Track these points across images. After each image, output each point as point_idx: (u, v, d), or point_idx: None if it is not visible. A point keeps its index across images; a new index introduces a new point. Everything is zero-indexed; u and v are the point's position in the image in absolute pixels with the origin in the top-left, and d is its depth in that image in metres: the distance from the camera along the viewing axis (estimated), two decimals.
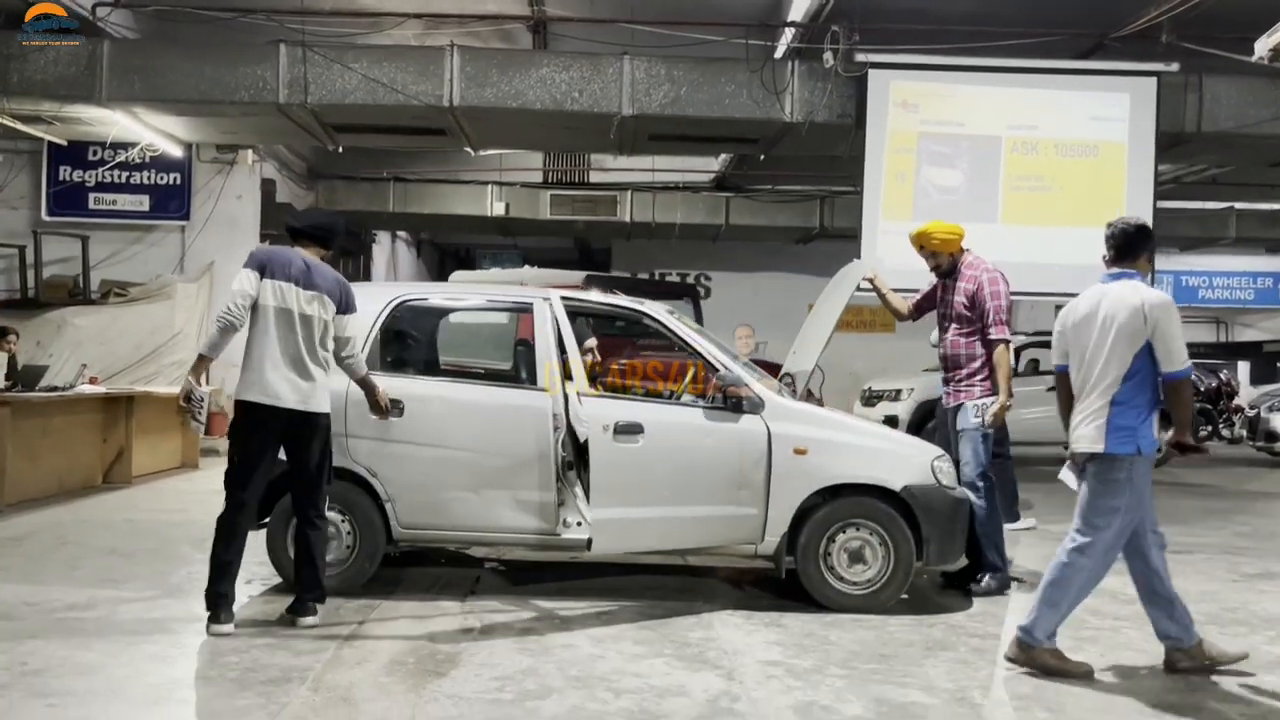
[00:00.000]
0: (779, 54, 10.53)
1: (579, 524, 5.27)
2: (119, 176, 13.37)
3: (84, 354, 11.36)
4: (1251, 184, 15.72)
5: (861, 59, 10.50)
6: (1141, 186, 11.01)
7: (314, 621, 4.67)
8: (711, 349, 5.45)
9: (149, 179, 13.47)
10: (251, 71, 10.34)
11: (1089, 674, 4.18)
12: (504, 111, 10.62)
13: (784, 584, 5.65)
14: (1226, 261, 22.38)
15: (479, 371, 6.71)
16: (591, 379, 5.65)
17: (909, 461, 5.35)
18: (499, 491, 5.18)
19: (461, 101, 10.42)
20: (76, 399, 9.04)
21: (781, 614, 5.13)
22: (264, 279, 4.64)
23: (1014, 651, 4.23)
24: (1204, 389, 19.25)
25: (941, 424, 6.10)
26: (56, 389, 9.06)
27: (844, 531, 5.22)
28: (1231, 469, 13.96)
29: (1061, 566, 4.22)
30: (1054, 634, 4.20)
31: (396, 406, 5.10)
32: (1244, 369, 22.38)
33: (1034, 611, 4.20)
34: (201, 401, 4.74)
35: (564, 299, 5.54)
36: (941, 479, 5.32)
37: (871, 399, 13.36)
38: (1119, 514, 4.14)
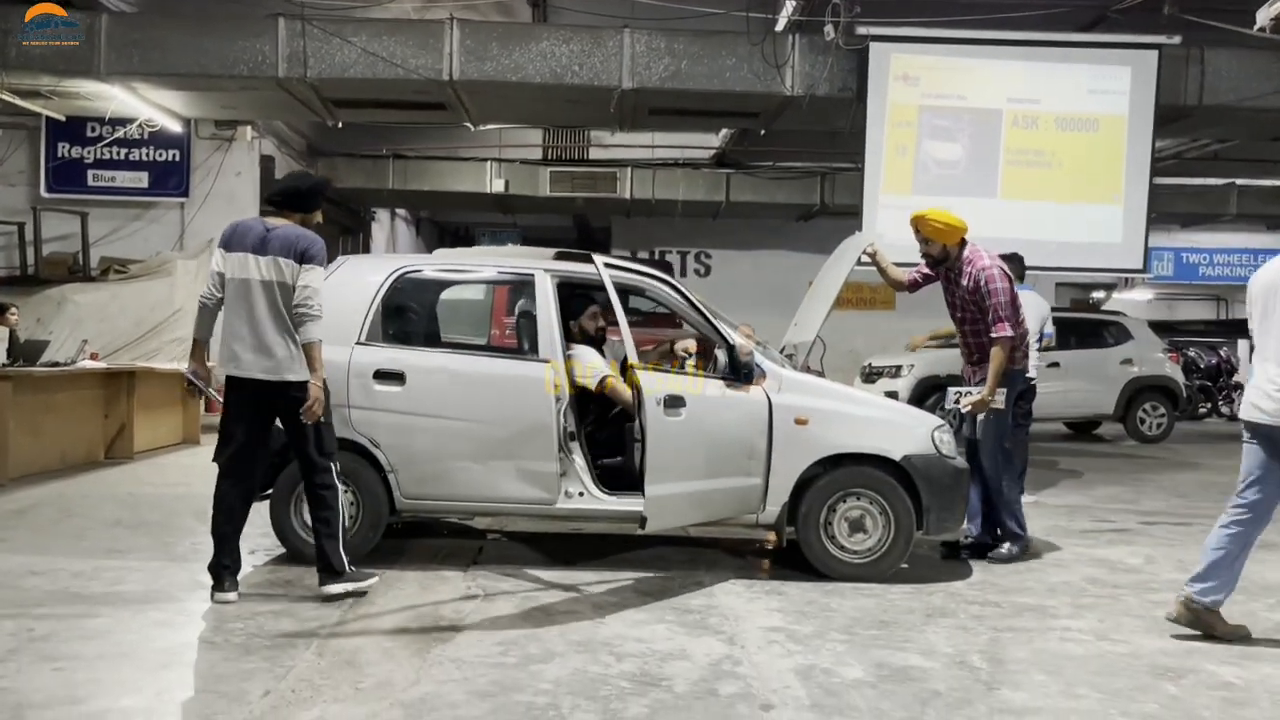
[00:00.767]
0: (780, 27, 10.48)
1: (580, 494, 5.28)
2: (118, 153, 13.37)
3: (84, 330, 11.36)
4: (1253, 159, 15.68)
5: (862, 32, 10.46)
6: (1140, 160, 11.00)
7: (333, 591, 4.61)
8: (720, 323, 5.46)
9: (148, 155, 13.46)
10: (250, 45, 10.30)
11: (1246, 636, 4.28)
12: (504, 85, 10.59)
13: (785, 554, 5.69)
14: (1227, 238, 22.35)
15: (481, 343, 6.71)
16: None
17: (909, 431, 5.37)
18: (501, 462, 5.20)
19: (461, 75, 10.39)
20: (78, 374, 9.06)
21: (783, 582, 5.16)
22: (228, 253, 4.64)
23: (1178, 612, 4.29)
24: (1203, 366, 19.30)
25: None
26: (58, 364, 9.07)
27: (844, 501, 5.25)
28: (1230, 444, 13.98)
29: (1226, 533, 4.25)
30: (1220, 599, 4.26)
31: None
32: (1244, 346, 22.35)
33: (1205, 577, 4.24)
34: (204, 380, 4.77)
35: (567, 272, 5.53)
36: (942, 449, 5.34)
37: (872, 375, 13.36)
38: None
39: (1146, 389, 13.61)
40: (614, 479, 5.36)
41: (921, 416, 5.67)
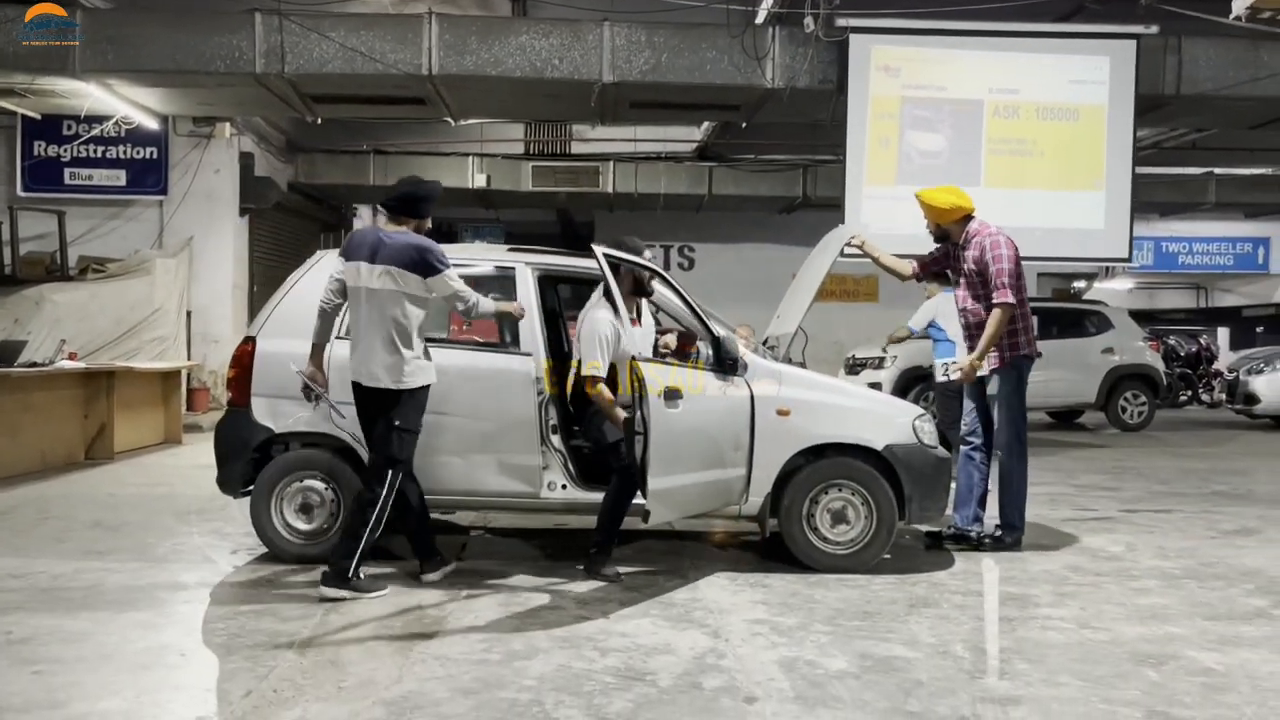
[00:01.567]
0: (760, 19, 10.48)
1: (563, 487, 5.28)
2: (95, 151, 13.25)
3: (63, 330, 11.27)
4: (1230, 149, 15.79)
5: (842, 23, 10.47)
6: (1121, 149, 11.06)
7: (330, 594, 4.62)
8: (706, 313, 5.45)
9: (125, 153, 13.35)
10: (227, 41, 10.21)
11: None
12: (483, 79, 10.54)
13: (769, 547, 5.70)
14: (1206, 227, 22.47)
15: (462, 337, 6.68)
16: None
17: (891, 421, 5.39)
18: (484, 455, 5.19)
19: (440, 70, 10.33)
20: (57, 374, 8.99)
21: (766, 575, 5.17)
22: (346, 261, 4.75)
23: None
24: (1183, 354, 19.44)
25: (972, 389, 6.02)
26: (36, 365, 9.00)
27: (826, 493, 5.26)
28: (1211, 431, 14.13)
29: None
30: None
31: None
32: (1223, 334, 22.53)
33: None
34: (320, 384, 4.89)
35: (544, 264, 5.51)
36: (923, 438, 5.36)
37: (855, 367, 13.40)
38: None
39: (1127, 377, 13.71)
40: (594, 473, 5.34)
41: (903, 406, 5.68)
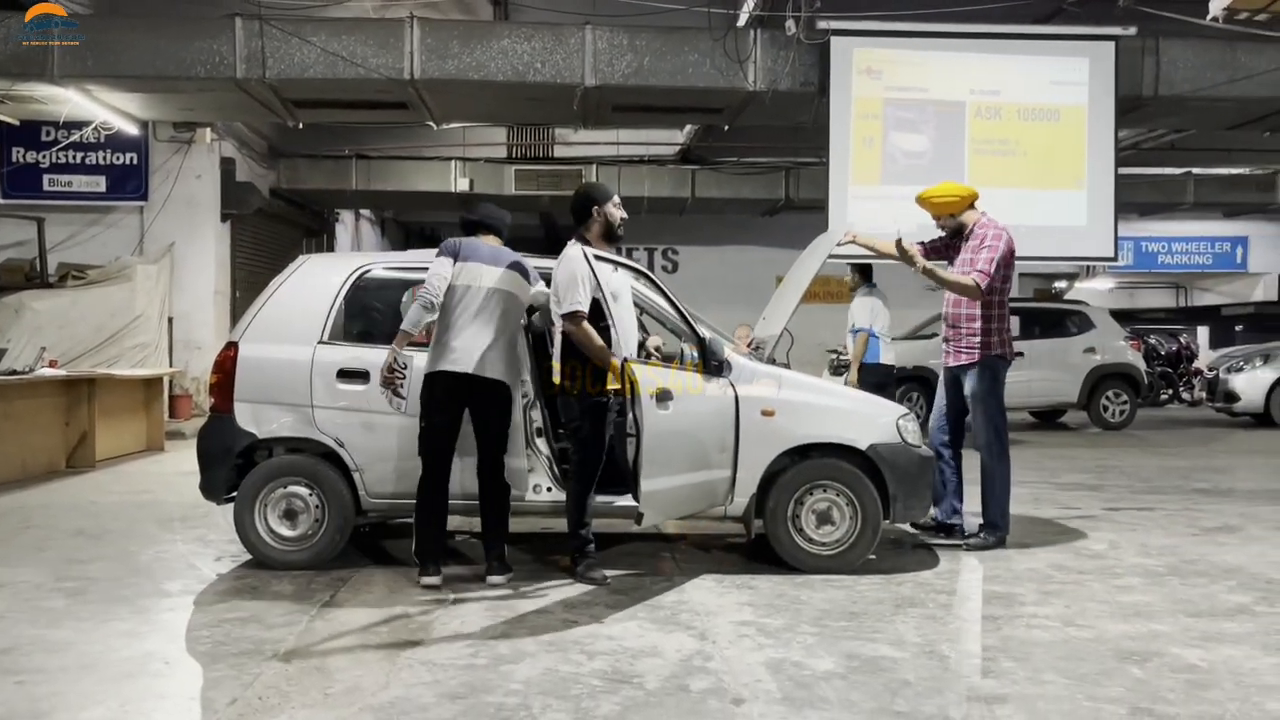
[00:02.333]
0: (741, 22, 10.51)
1: (548, 489, 5.28)
2: (74, 157, 13.14)
3: (43, 338, 11.18)
4: (1209, 149, 15.92)
5: (823, 26, 10.52)
6: (1102, 149, 11.16)
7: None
8: (691, 315, 5.46)
9: (105, 159, 13.24)
10: (207, 46, 10.17)
11: None
12: (466, 84, 10.53)
13: (754, 548, 5.71)
14: (1185, 227, 22.66)
15: None
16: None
17: (874, 421, 5.40)
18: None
19: (422, 74, 10.32)
20: (36, 382, 8.91)
21: (753, 576, 5.18)
22: (465, 263, 5.03)
23: None
24: (1164, 353, 19.58)
25: (948, 383, 6.12)
26: (15, 372, 8.92)
27: (811, 493, 5.27)
28: (1192, 430, 14.23)
29: None
30: None
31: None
32: (1203, 333, 22.70)
33: None
34: (403, 371, 4.91)
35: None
36: (907, 437, 5.38)
37: (839, 367, 13.43)
38: None
39: (1109, 376, 13.80)
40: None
41: (887, 406, 5.70)
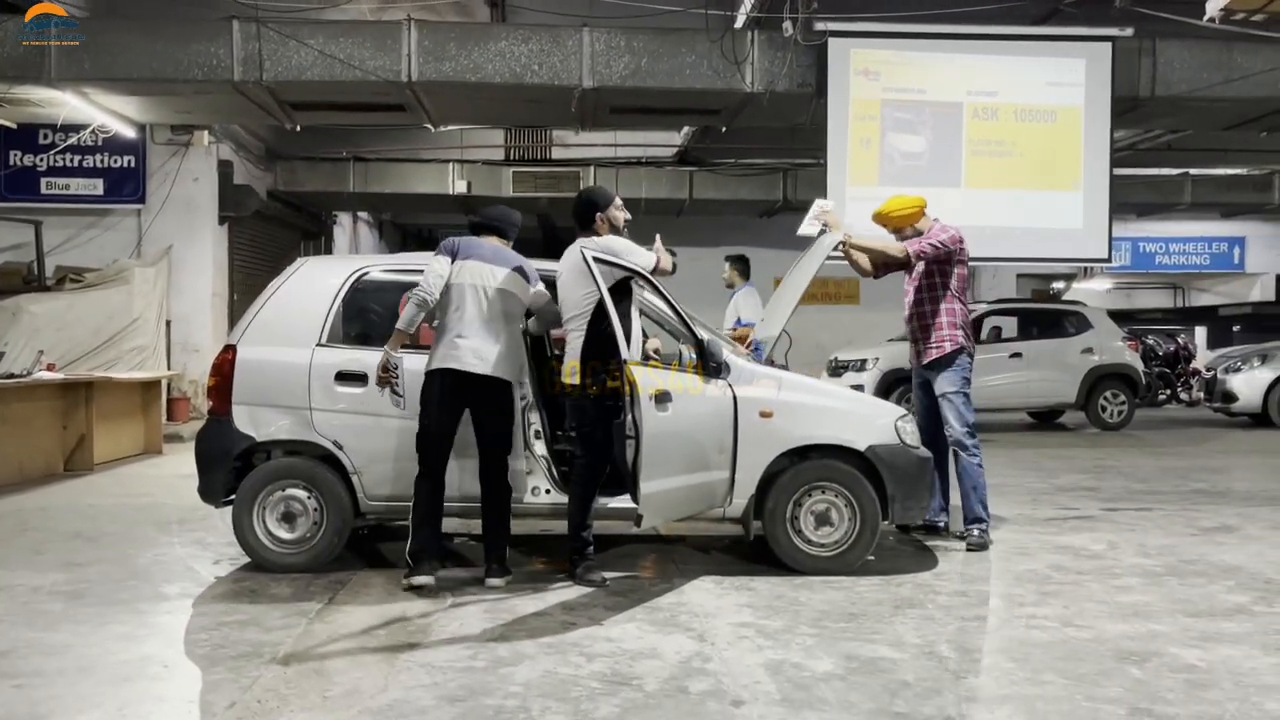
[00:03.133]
0: (739, 24, 10.51)
1: (546, 491, 5.28)
2: (71, 160, 13.13)
3: (41, 341, 11.16)
4: (1205, 149, 15.92)
5: (821, 27, 10.53)
6: (1098, 150, 11.19)
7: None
8: (690, 317, 5.45)
9: (102, 162, 13.23)
10: (205, 49, 10.16)
11: None
12: (463, 86, 10.53)
13: (753, 549, 5.70)
14: (1182, 227, 22.66)
15: None
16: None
17: (872, 422, 5.40)
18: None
19: (420, 76, 10.31)
20: (34, 386, 8.91)
21: (752, 578, 5.17)
22: (464, 261, 5.04)
23: None
24: (1162, 353, 19.60)
25: (918, 386, 6.26)
26: (13, 376, 8.91)
27: (810, 495, 5.26)
28: (1189, 430, 14.23)
29: None
30: None
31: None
32: (1201, 333, 22.70)
33: None
34: (397, 371, 4.96)
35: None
36: (905, 438, 5.38)
37: (837, 369, 13.45)
38: None
39: (1107, 377, 13.80)
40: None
41: (885, 407, 5.71)
